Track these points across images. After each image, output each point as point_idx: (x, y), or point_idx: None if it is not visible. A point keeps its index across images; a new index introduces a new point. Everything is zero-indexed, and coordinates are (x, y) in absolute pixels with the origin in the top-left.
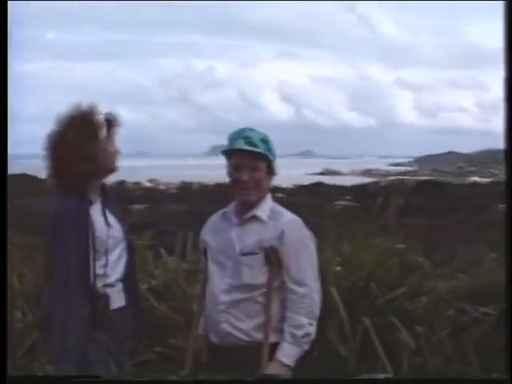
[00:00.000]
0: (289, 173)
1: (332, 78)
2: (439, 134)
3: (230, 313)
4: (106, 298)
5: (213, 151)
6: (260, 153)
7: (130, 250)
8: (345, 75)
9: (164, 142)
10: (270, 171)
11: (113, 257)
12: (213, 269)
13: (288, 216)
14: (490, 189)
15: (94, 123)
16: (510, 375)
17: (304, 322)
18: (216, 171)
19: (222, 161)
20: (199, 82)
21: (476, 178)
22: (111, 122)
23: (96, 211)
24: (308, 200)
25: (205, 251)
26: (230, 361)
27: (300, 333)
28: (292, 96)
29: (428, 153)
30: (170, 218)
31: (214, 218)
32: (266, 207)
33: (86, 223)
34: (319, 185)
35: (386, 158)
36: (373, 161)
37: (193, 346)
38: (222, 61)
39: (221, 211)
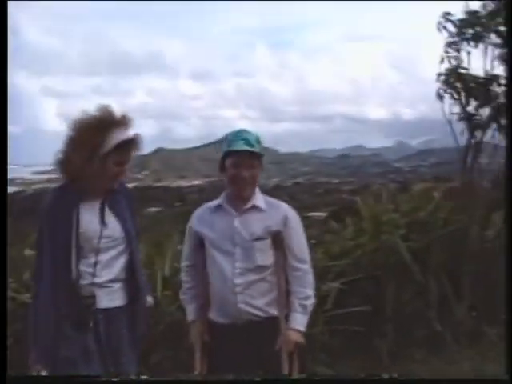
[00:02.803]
0: None
1: None
2: None
3: (245, 293)
4: (90, 297)
5: None
6: (257, 153)
7: (135, 250)
8: None
9: None
10: (261, 168)
11: (105, 256)
12: (217, 256)
13: (283, 204)
14: (136, 193)
15: (111, 126)
16: (510, 375)
17: (311, 294)
18: None
19: None
20: None
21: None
22: (134, 140)
23: (89, 210)
24: None
25: (199, 243)
26: (245, 337)
27: (308, 303)
28: None
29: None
30: None
31: (203, 212)
32: (261, 198)
33: (71, 220)
34: None
35: (30, 166)
36: (17, 169)
37: (193, 331)
38: None
39: (210, 204)
